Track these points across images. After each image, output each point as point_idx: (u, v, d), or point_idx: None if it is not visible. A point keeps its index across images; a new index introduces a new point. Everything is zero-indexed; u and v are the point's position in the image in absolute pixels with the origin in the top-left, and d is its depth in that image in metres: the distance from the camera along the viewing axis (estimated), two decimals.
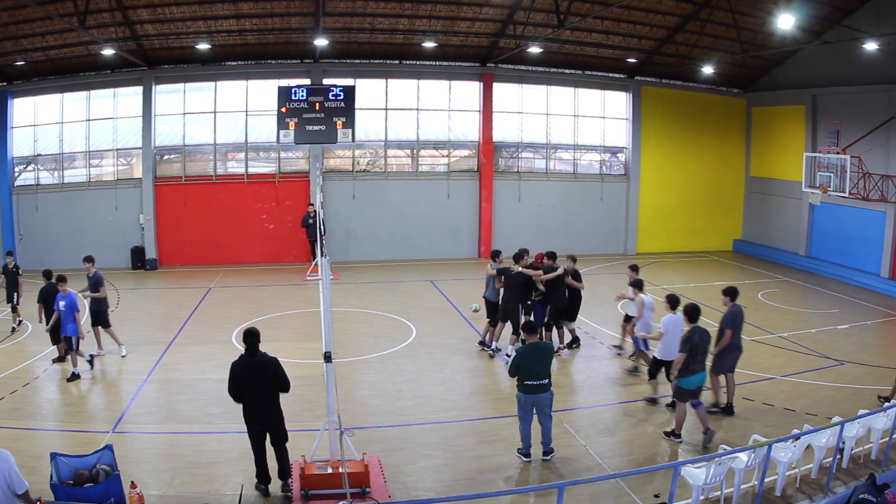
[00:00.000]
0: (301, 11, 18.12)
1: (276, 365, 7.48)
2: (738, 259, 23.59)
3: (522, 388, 8.43)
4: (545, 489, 7.63)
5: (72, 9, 15.04)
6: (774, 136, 23.44)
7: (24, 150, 20.34)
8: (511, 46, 19.81)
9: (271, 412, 7.53)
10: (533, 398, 8.41)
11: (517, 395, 8.58)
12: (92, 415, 9.83)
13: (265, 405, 7.48)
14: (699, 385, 9.18)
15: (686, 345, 9.05)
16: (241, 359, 7.50)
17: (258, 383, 7.40)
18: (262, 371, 7.42)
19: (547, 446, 8.65)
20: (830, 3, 18.25)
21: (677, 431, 9.23)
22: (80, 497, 6.44)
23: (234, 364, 7.50)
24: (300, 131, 19.48)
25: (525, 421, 8.56)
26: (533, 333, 8.65)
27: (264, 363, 7.45)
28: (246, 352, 7.48)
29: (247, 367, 7.42)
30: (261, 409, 7.47)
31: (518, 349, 8.62)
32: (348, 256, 21.47)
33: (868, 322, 15.71)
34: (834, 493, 7.64)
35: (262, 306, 16.01)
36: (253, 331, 7.50)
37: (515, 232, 22.64)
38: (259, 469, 7.70)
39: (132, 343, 13.30)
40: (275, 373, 7.44)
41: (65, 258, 19.99)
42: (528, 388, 8.38)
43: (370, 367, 12.12)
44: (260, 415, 7.48)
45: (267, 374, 7.42)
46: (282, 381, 7.48)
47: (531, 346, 8.53)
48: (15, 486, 5.50)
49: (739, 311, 10.32)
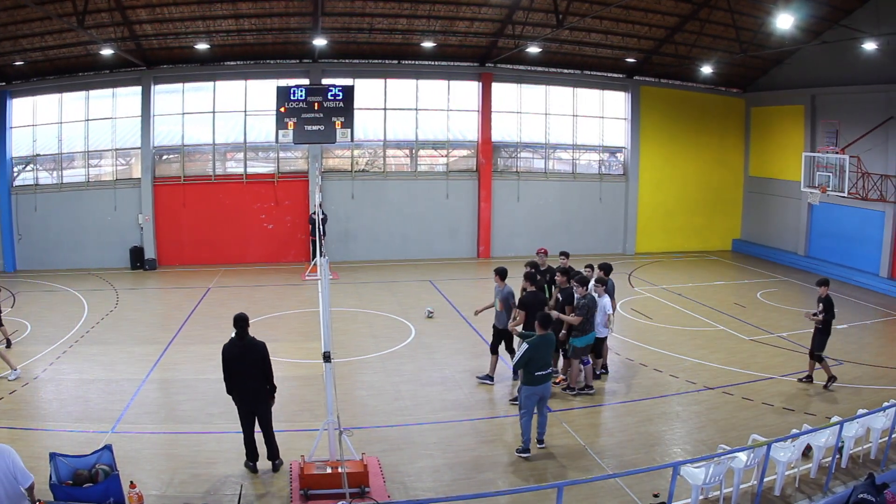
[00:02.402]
0: (300, 11, 18.12)
1: (262, 350, 7.95)
2: (737, 259, 23.61)
3: (532, 380, 8.64)
4: (545, 489, 7.63)
5: (70, 9, 15.03)
6: (773, 136, 23.45)
7: (23, 151, 20.30)
8: (510, 46, 19.81)
9: (258, 393, 7.97)
10: (542, 389, 8.70)
11: (521, 389, 8.78)
12: (91, 415, 9.81)
13: (253, 386, 7.92)
14: (589, 343, 10.69)
15: (582, 309, 10.39)
16: (231, 342, 7.98)
17: (246, 365, 7.85)
18: (250, 353, 7.87)
19: (542, 435, 9.02)
20: (829, 2, 18.26)
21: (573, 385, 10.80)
22: (80, 497, 6.43)
23: (224, 347, 7.99)
24: (299, 131, 19.46)
25: (528, 416, 8.76)
26: (546, 326, 8.81)
27: (252, 346, 7.90)
28: (236, 335, 7.93)
29: (236, 349, 7.89)
30: (249, 389, 7.91)
31: (530, 341, 8.72)
32: (347, 256, 21.47)
33: (867, 322, 15.72)
34: (833, 493, 7.65)
35: (261, 306, 16.00)
36: (242, 316, 8.00)
37: (514, 232, 22.68)
38: (248, 447, 8.13)
39: (132, 343, 13.32)
40: (261, 356, 7.91)
41: (64, 258, 20.08)
42: (538, 379, 8.64)
43: (369, 367, 12.12)
44: (248, 395, 7.93)
45: (254, 357, 7.88)
46: (266, 366, 7.94)
47: (540, 338, 8.74)
48: (20, 479, 5.50)
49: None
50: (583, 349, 10.63)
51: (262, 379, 7.98)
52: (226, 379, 8.03)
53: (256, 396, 7.97)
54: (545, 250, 12.46)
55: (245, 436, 8.11)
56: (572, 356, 10.72)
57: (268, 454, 8.20)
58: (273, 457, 8.20)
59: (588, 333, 10.58)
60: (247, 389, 7.92)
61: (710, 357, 12.82)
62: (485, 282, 17.79)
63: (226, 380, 8.04)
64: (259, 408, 8.02)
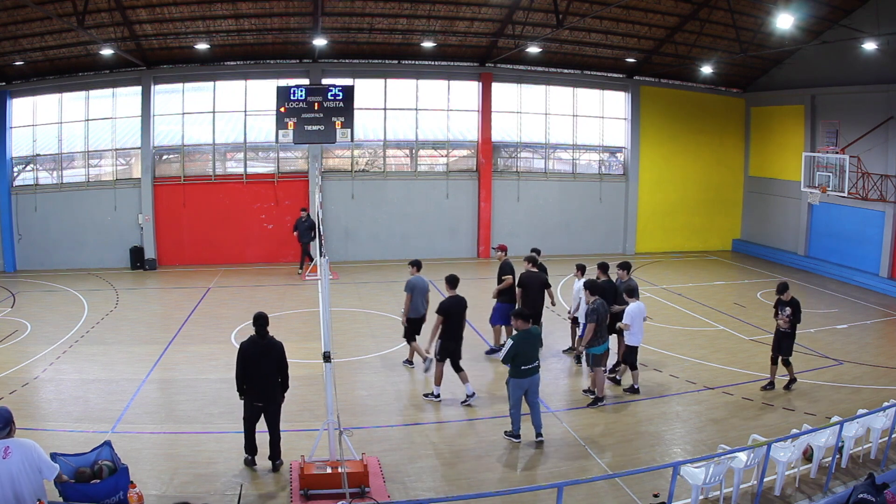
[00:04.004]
0: (300, 11, 18.11)
1: (281, 349, 8.17)
2: (737, 259, 23.61)
3: (518, 373, 8.92)
4: (545, 489, 7.63)
5: (70, 9, 15.03)
6: (773, 136, 23.45)
7: (23, 151, 20.29)
8: (510, 46, 19.81)
9: (272, 390, 8.13)
10: (528, 381, 8.95)
11: (509, 382, 9.06)
12: (91, 415, 9.81)
13: (268, 383, 8.07)
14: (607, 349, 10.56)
15: (591, 315, 10.23)
16: (251, 339, 8.15)
17: (265, 363, 8.04)
18: (270, 352, 8.07)
19: (539, 429, 9.14)
20: (829, 2, 18.26)
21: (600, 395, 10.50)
22: (91, 493, 6.43)
23: (243, 344, 8.17)
24: (299, 131, 19.45)
25: (516, 407, 9.07)
26: (526, 321, 9.09)
27: (272, 345, 8.12)
28: (256, 334, 8.12)
29: (257, 346, 8.08)
30: (264, 387, 8.06)
31: (514, 337, 9.00)
32: (347, 256, 21.47)
33: (867, 322, 15.73)
34: (833, 493, 7.65)
35: (260, 306, 15.93)
36: (263, 315, 8.19)
37: (514, 232, 22.66)
38: (248, 442, 8.27)
39: (132, 343, 13.32)
40: (280, 355, 8.12)
41: (64, 258, 20.08)
42: (524, 372, 8.90)
43: (369, 367, 12.13)
44: (263, 392, 8.07)
45: (273, 356, 8.08)
46: (283, 364, 8.15)
47: (524, 332, 8.98)
48: (45, 472, 5.55)
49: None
50: (600, 357, 10.37)
51: (278, 377, 8.14)
52: (239, 377, 8.08)
53: (270, 394, 8.10)
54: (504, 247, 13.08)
55: (246, 431, 8.24)
56: (593, 365, 10.44)
57: (270, 454, 8.26)
58: (275, 457, 8.26)
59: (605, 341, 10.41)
60: (263, 387, 8.06)
61: (711, 357, 12.82)
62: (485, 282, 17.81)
63: (239, 377, 8.08)
64: (270, 406, 8.12)
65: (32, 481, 5.45)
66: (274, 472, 8.17)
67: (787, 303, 10.82)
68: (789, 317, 10.76)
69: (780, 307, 10.92)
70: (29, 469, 5.42)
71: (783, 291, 10.91)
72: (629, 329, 10.61)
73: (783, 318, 10.82)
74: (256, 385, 8.06)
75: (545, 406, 10.36)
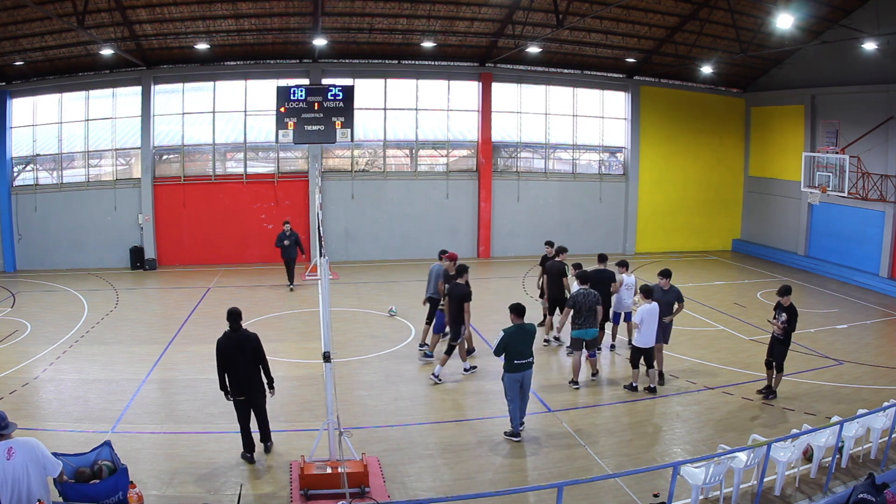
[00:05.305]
0: (300, 11, 18.11)
1: (256, 340, 8.28)
2: (737, 259, 23.61)
3: (511, 367, 9.08)
4: (545, 489, 7.63)
5: (70, 9, 15.03)
6: (773, 136, 23.45)
7: (23, 151, 20.29)
8: (510, 46, 19.81)
9: (253, 382, 8.26)
10: (521, 376, 9.10)
11: (504, 377, 9.19)
12: (91, 415, 9.81)
13: (248, 376, 8.21)
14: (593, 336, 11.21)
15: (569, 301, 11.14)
16: (225, 335, 8.26)
17: (240, 357, 8.16)
18: (244, 345, 8.18)
19: (522, 417, 9.38)
20: (829, 2, 18.26)
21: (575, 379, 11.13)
22: (91, 493, 6.44)
23: (218, 340, 8.26)
24: (299, 131, 19.42)
25: (514, 402, 9.17)
26: (520, 316, 9.21)
27: (246, 338, 8.23)
28: (230, 328, 8.24)
29: (231, 341, 8.19)
30: (243, 379, 8.20)
31: (506, 330, 9.11)
32: (347, 256, 21.47)
33: (867, 322, 15.73)
34: (833, 493, 7.65)
35: (260, 306, 16.01)
36: (235, 309, 8.32)
37: (514, 232, 22.68)
38: (245, 440, 8.42)
39: (132, 343, 13.32)
40: (255, 347, 8.23)
41: (64, 258, 20.08)
42: (517, 366, 9.05)
43: (369, 367, 12.12)
44: (244, 384, 8.21)
45: (248, 348, 8.18)
46: (260, 354, 8.28)
47: (517, 327, 9.12)
48: (49, 469, 5.58)
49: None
50: (576, 340, 11.16)
51: (257, 369, 8.28)
52: (220, 372, 8.23)
53: (252, 386, 8.25)
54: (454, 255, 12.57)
55: (241, 428, 8.39)
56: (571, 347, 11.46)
57: (261, 437, 8.56)
58: (265, 439, 8.60)
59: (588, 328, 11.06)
60: (243, 380, 8.20)
61: (711, 357, 12.82)
62: (485, 282, 17.84)
63: (220, 373, 8.23)
64: (254, 398, 8.30)
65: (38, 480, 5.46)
66: (266, 454, 8.54)
67: (785, 308, 10.58)
68: (784, 323, 10.51)
69: (778, 311, 10.74)
70: (34, 468, 5.43)
71: (784, 295, 10.68)
72: (639, 329, 10.63)
73: (777, 324, 10.60)
74: (236, 378, 8.20)
75: (545, 406, 10.38)
